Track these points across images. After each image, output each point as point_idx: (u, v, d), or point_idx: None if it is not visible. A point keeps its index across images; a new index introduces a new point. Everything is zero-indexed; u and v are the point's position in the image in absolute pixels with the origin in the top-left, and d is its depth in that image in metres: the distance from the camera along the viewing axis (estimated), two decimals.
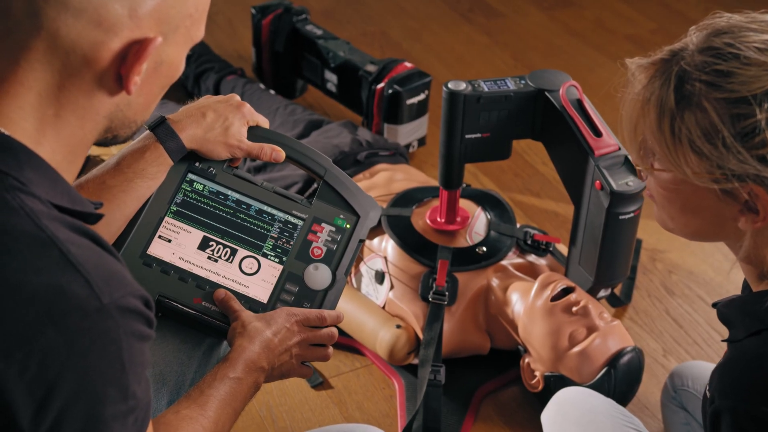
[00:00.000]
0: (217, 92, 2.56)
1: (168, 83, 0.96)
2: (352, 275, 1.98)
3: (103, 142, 0.96)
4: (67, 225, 0.84)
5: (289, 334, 1.23)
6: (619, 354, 1.68)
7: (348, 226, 1.32)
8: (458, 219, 1.95)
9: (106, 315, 0.81)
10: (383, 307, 1.91)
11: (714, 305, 1.17)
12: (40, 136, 0.87)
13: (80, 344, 0.80)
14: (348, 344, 1.94)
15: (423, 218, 1.97)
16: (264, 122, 1.34)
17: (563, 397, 1.58)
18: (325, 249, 1.30)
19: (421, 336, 1.82)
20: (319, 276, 1.28)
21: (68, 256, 0.81)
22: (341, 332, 1.91)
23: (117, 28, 0.86)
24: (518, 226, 2.00)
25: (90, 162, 2.37)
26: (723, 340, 1.12)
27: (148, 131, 1.26)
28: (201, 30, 0.96)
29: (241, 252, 1.29)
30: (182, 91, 2.69)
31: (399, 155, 2.30)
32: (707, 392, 1.10)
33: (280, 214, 1.31)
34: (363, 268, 1.96)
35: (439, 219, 1.96)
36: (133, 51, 0.87)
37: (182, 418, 1.10)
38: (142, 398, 0.87)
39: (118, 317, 0.82)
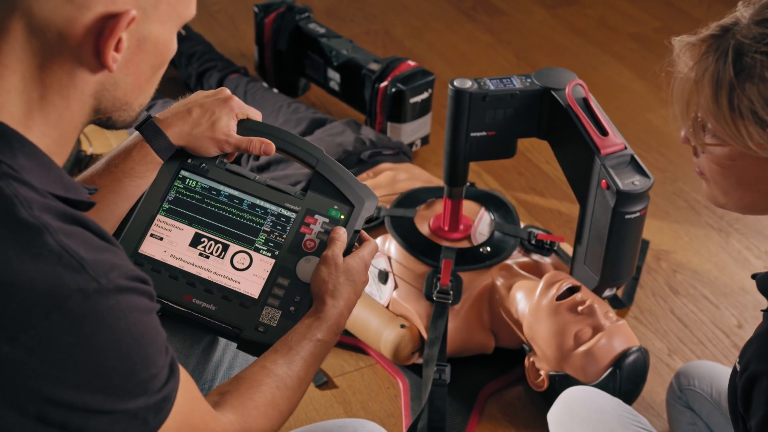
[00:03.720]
0: None
1: (158, 63, 0.94)
2: None
3: (101, 124, 0.95)
4: (58, 213, 0.84)
5: (363, 285, 1.25)
6: (625, 354, 1.68)
7: (342, 216, 1.29)
8: (461, 227, 1.96)
9: (106, 295, 0.82)
10: (387, 307, 1.90)
11: (753, 276, 1.18)
12: (29, 120, 0.87)
13: (87, 324, 0.81)
14: (352, 344, 1.93)
15: (426, 223, 1.97)
16: (255, 114, 1.32)
17: (570, 396, 1.58)
18: (318, 241, 1.28)
19: (425, 335, 1.82)
20: (311, 269, 1.26)
21: (61, 244, 0.81)
22: (345, 332, 1.91)
23: (89, 2, 0.85)
24: (522, 226, 1.99)
25: (92, 160, 2.36)
26: (762, 310, 1.13)
27: (135, 131, 1.26)
28: (190, 8, 0.95)
29: (233, 247, 1.27)
30: (185, 90, 2.67)
31: (402, 154, 2.29)
32: (737, 365, 1.11)
33: (273, 208, 1.30)
34: None
35: (442, 227, 1.96)
36: (109, 26, 0.86)
37: (267, 374, 1.11)
38: (165, 363, 0.89)
39: (118, 296, 0.83)
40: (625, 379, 1.66)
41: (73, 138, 0.92)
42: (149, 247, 1.26)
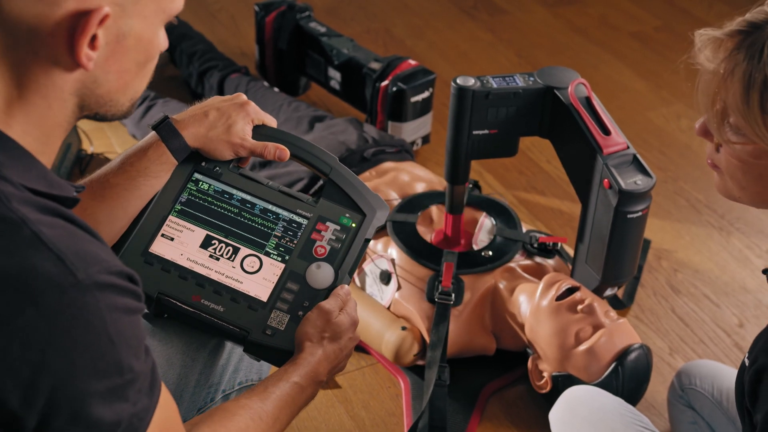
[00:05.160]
0: (221, 90, 2.56)
1: (144, 59, 0.93)
2: (356, 275, 1.97)
3: (92, 118, 0.94)
4: (39, 207, 0.83)
5: (351, 343, 1.25)
6: (626, 351, 1.68)
7: (354, 225, 1.30)
8: (462, 242, 1.96)
9: (84, 290, 0.80)
10: (388, 308, 1.90)
11: (765, 271, 1.18)
12: (9, 118, 0.86)
13: (61, 321, 0.79)
14: None
15: (428, 231, 1.99)
16: (270, 121, 1.33)
17: (572, 395, 1.57)
18: (328, 248, 1.28)
19: (427, 337, 1.82)
20: (321, 275, 1.26)
21: (40, 236, 0.80)
22: None
23: None
24: (524, 230, 1.99)
25: (94, 160, 2.36)
26: None
27: (152, 131, 1.26)
28: (176, 1, 0.93)
29: (244, 250, 1.28)
30: (186, 90, 2.68)
31: (405, 152, 2.29)
32: (746, 360, 1.11)
33: (285, 213, 1.30)
34: (368, 267, 1.95)
35: (444, 240, 1.97)
36: (81, 23, 0.84)
37: (241, 406, 1.11)
38: (142, 370, 0.86)
39: (96, 292, 0.81)
40: (627, 376, 1.66)
41: (59, 136, 0.91)
42: (160, 247, 1.26)
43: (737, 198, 1.15)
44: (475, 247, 1.96)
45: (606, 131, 1.71)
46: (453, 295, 1.83)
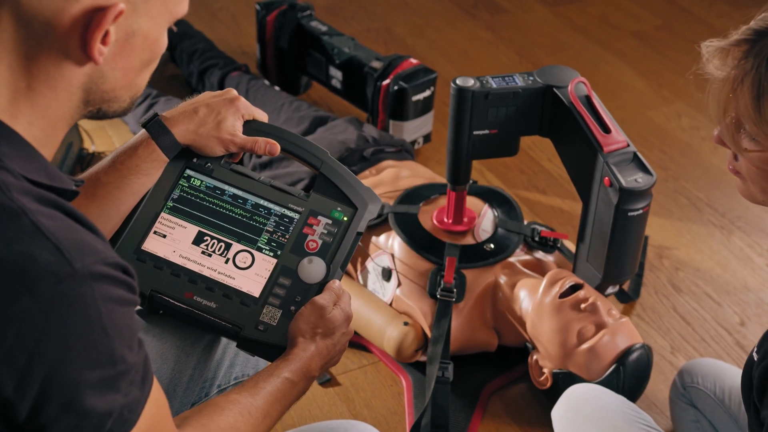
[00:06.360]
0: (221, 88, 2.56)
1: (148, 58, 0.94)
2: (359, 272, 1.98)
3: (93, 116, 0.95)
4: (38, 198, 0.84)
5: (344, 338, 1.25)
6: (628, 351, 1.68)
7: (345, 218, 1.30)
8: (465, 219, 1.95)
9: (80, 280, 0.81)
10: (390, 304, 1.90)
11: None
12: (15, 110, 0.87)
13: (56, 310, 0.80)
14: (355, 341, 1.93)
15: (430, 217, 1.97)
16: (262, 116, 1.33)
17: (574, 393, 1.58)
18: (320, 242, 1.28)
19: (428, 333, 1.82)
20: (313, 269, 1.26)
21: (38, 226, 0.81)
22: None
23: None
24: (525, 222, 1.99)
25: (94, 158, 2.37)
26: None
27: (142, 129, 1.27)
28: (182, 4, 0.95)
29: (236, 246, 1.28)
30: (187, 88, 2.68)
31: (405, 152, 2.29)
32: (754, 355, 1.11)
33: (277, 208, 1.30)
34: (370, 264, 1.95)
35: (446, 219, 1.95)
36: (96, 18, 0.86)
37: (230, 401, 1.11)
38: (135, 362, 0.87)
39: (92, 282, 0.82)
40: (628, 377, 1.66)
41: (62, 129, 0.92)
42: (152, 244, 1.26)
43: (761, 202, 1.16)
44: (477, 239, 1.95)
45: (606, 129, 1.71)
46: (455, 291, 1.83)
